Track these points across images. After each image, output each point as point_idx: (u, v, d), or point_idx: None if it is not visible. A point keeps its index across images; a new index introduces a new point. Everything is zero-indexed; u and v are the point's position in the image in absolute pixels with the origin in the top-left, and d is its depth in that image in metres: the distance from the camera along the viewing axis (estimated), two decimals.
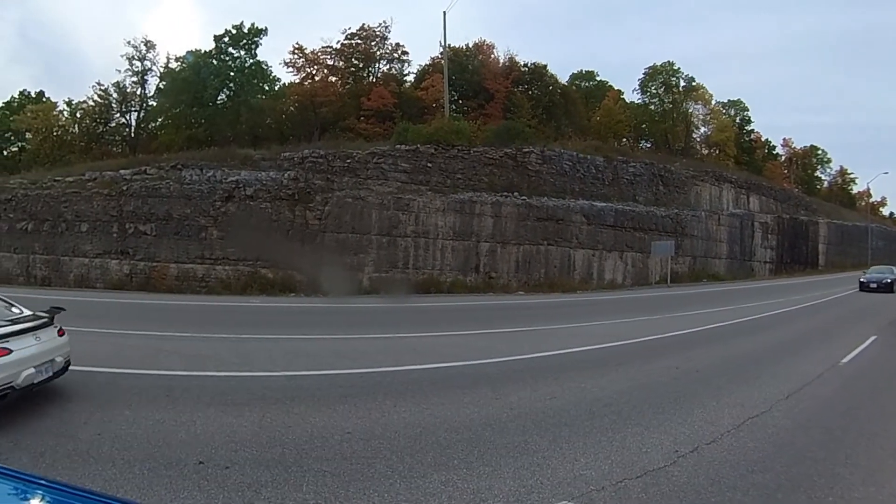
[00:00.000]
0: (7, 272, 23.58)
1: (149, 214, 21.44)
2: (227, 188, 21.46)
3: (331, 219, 22.21)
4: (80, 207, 22.37)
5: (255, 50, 38.74)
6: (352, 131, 33.87)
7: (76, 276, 22.23)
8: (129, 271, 21.51)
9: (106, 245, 21.88)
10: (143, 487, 4.52)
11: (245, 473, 4.78)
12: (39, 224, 23.21)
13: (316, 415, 6.37)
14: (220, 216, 21.24)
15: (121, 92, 39.56)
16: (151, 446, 5.46)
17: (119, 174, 22.70)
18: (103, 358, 9.13)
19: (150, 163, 22.84)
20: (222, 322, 13.71)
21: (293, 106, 38.71)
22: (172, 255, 21.21)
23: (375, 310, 17.81)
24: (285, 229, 21.63)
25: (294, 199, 21.90)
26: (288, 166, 22.71)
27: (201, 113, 35.57)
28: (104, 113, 39.78)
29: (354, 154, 24.11)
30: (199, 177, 21.76)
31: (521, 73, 41.86)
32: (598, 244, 28.22)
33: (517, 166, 27.54)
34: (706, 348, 10.59)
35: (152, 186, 21.67)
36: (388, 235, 23.25)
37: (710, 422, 6.10)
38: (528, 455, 5.09)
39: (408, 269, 23.59)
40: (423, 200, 24.23)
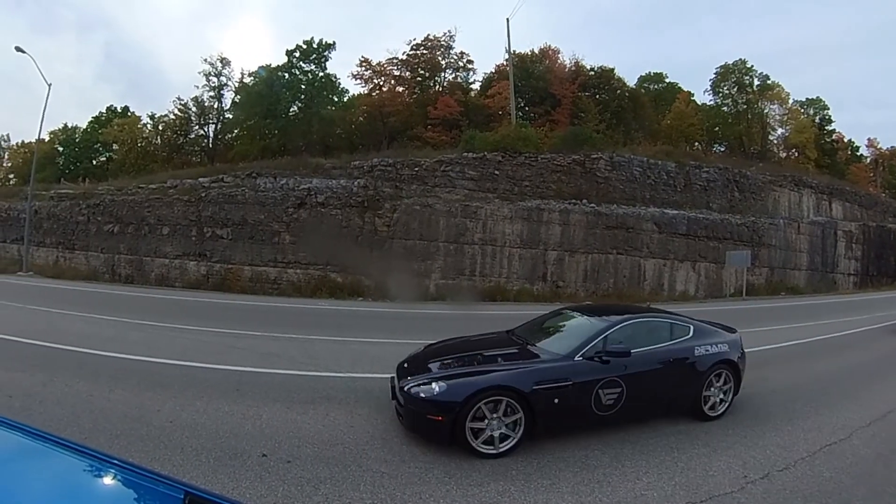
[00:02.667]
0: (94, 270, 25.56)
1: (225, 219, 22.42)
2: (299, 195, 22.10)
3: (399, 226, 22.40)
4: (162, 212, 23.73)
5: (324, 63, 39.97)
6: (419, 140, 34.15)
7: (157, 275, 23.62)
8: (205, 272, 22.62)
9: (185, 247, 23.17)
10: (207, 474, 4.74)
11: (305, 468, 4.91)
12: (124, 227, 24.87)
13: (378, 417, 6.37)
14: (293, 222, 21.90)
15: (199, 106, 41.77)
16: (219, 436, 5.65)
17: (198, 182, 23.82)
18: (179, 351, 9.59)
19: (227, 171, 23.90)
20: (292, 323, 13.95)
21: (362, 116, 39.48)
22: (247, 258, 22.13)
23: (441, 316, 17.73)
24: (355, 235, 21.98)
25: (363, 206, 22.23)
26: (358, 174, 23.09)
27: (275, 124, 36.80)
28: (184, 125, 42.10)
29: (422, 162, 24.26)
30: (273, 184, 22.53)
31: (588, 78, 41.05)
32: (669, 254, 27.07)
33: (585, 173, 26.86)
34: (783, 367, 9.81)
35: (229, 193, 22.62)
36: (455, 243, 23.21)
37: (784, 446, 5.71)
38: (588, 471, 5.00)
39: (474, 276, 23.44)
40: (491, 208, 24.05)
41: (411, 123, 36.85)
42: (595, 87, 41.20)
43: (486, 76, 42.34)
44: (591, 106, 37.34)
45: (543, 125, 33.19)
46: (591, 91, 40.70)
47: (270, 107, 36.83)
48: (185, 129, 42.22)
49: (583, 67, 41.61)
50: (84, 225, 26.84)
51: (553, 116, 36.71)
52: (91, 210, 26.50)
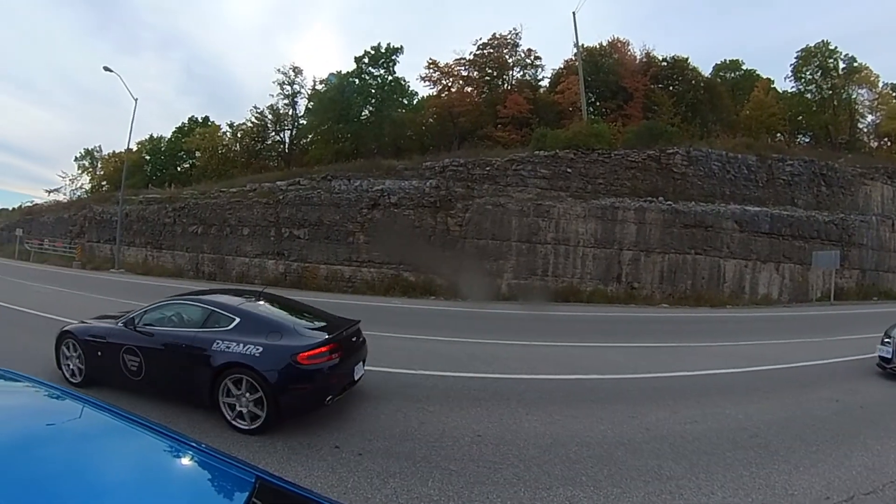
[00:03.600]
0: (180, 268, 27.45)
1: (302, 220, 23.21)
2: (372, 196, 22.52)
3: (471, 225, 22.36)
4: (243, 214, 24.86)
5: (392, 67, 40.41)
6: (489, 139, 33.92)
7: (238, 272, 24.94)
8: (283, 270, 23.56)
9: (264, 247, 24.21)
10: (281, 463, 4.85)
11: (376, 462, 4.97)
12: (208, 228, 26.33)
13: (449, 414, 6.40)
14: (367, 222, 22.35)
15: (274, 113, 43.36)
16: (292, 427, 5.79)
17: (276, 185, 24.75)
18: None
19: (303, 175, 24.76)
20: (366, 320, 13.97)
21: (431, 118, 39.67)
22: (323, 257, 22.88)
23: (513, 316, 17.52)
24: (427, 235, 22.12)
25: (436, 206, 22.34)
26: (430, 175, 23.24)
27: (347, 128, 37.56)
28: (261, 132, 43.80)
29: (493, 161, 24.11)
30: (347, 186, 23.08)
31: (660, 69, 39.21)
32: (751, 254, 25.51)
33: (661, 169, 25.78)
34: (874, 381, 9.04)
35: (305, 196, 23.38)
36: (527, 242, 22.92)
37: (872, 468, 5.26)
38: (661, 481, 4.81)
39: (547, 276, 23.08)
40: (564, 207, 23.61)
41: (481, 123, 36.66)
42: (668, 79, 39.32)
43: (554, 72, 41.37)
44: (665, 98, 35.74)
45: (615, 120, 32.17)
46: (664, 83, 38.92)
47: (342, 112, 37.62)
48: (262, 135, 43.92)
49: (654, 58, 39.84)
50: (170, 226, 28.50)
51: (625, 111, 35.39)
52: (177, 213, 28.07)
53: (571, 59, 38.55)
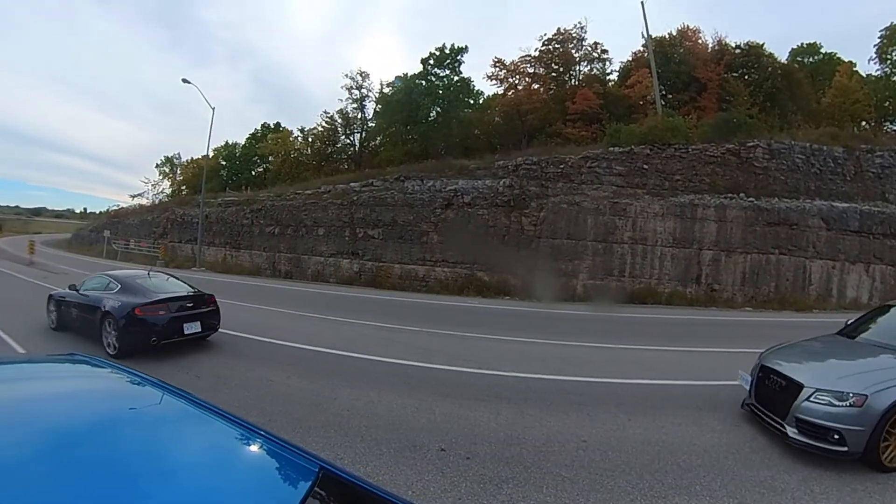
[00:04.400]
0: (257, 266, 28.60)
1: (376, 221, 23.50)
2: (446, 196, 22.50)
3: (546, 224, 21.97)
4: (318, 215, 25.50)
5: (458, 67, 40.35)
6: (559, 136, 33.30)
7: (313, 271, 25.72)
8: (357, 269, 23.93)
9: (339, 246, 24.72)
10: (389, 465, 4.84)
11: (486, 467, 4.85)
12: (284, 228, 27.20)
13: (550, 419, 6.25)
14: (440, 222, 22.37)
15: (344, 117, 44.27)
16: (395, 428, 5.76)
17: (349, 186, 25.18)
18: (345, 343, 10.04)
19: (376, 176, 25.08)
20: (446, 320, 14.12)
21: (498, 117, 39.31)
22: (397, 256, 23.09)
23: (593, 318, 17.01)
24: (501, 235, 21.89)
25: (510, 205, 22.08)
26: (503, 174, 22.99)
27: (416, 130, 37.79)
28: (331, 136, 44.81)
29: (567, 159, 23.60)
30: (421, 187, 23.18)
31: (734, 57, 37.09)
32: (838, 254, 23.63)
33: (741, 163, 24.37)
34: None
35: (379, 196, 23.66)
36: (603, 242, 22.30)
37: None
38: (776, 493, 4.66)
39: (623, 277, 22.39)
40: (641, 205, 22.85)
41: (549, 120, 36.02)
42: (743, 67, 37.08)
43: (622, 65, 40.25)
44: (741, 88, 33.76)
45: (689, 113, 30.68)
46: (739, 71, 36.84)
47: (410, 113, 37.90)
48: (333, 139, 44.94)
49: (727, 46, 37.75)
50: (248, 227, 29.55)
51: (699, 103, 33.79)
52: (254, 214, 29.09)
53: (640, 50, 37.44)
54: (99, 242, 48.65)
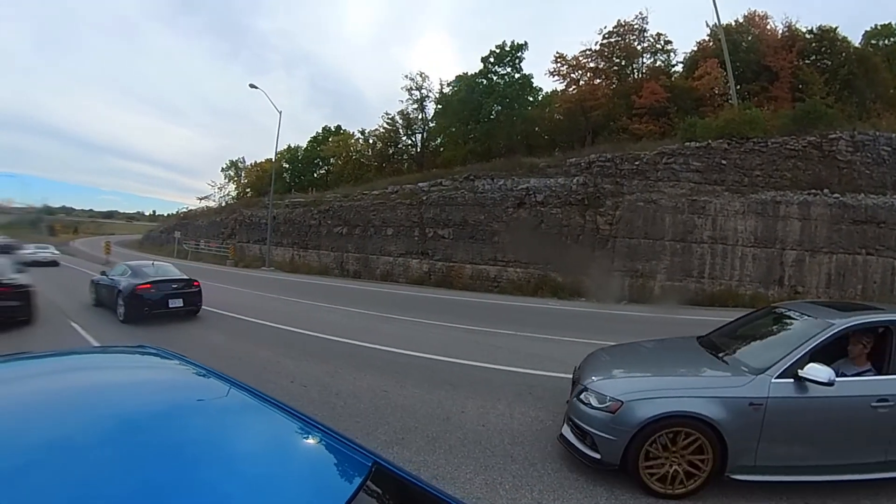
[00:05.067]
0: (325, 266, 28.95)
1: (446, 220, 23.21)
2: (518, 195, 22.00)
3: (622, 224, 21.15)
4: (386, 215, 25.44)
5: (518, 64, 39.75)
6: (625, 132, 32.20)
7: (382, 271, 25.73)
8: (427, 269, 23.74)
9: (408, 246, 24.57)
10: (554, 489, 4.41)
11: None
12: (352, 229, 27.33)
13: None
14: (512, 221, 21.88)
15: (405, 118, 44.29)
16: (542, 445, 5.26)
17: (417, 186, 24.98)
18: (441, 347, 9.60)
19: (444, 176, 24.81)
20: (535, 323, 13.37)
21: (561, 113, 38.47)
22: (467, 256, 22.75)
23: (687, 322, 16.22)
24: (576, 234, 21.21)
25: (584, 204, 21.36)
26: (575, 172, 22.28)
27: (478, 129, 37.41)
28: (392, 137, 44.93)
29: (642, 155, 22.66)
30: (491, 186, 22.74)
31: (806, 43, 34.49)
32: None
33: (824, 157, 22.65)
34: None
35: (449, 196, 23.37)
36: (682, 241, 21.31)
37: None
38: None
39: (703, 278, 21.33)
40: (720, 202, 21.73)
41: (613, 115, 35.04)
42: (815, 53, 34.41)
43: (687, 56, 38.32)
44: (815, 76, 31.75)
45: (762, 104, 29.05)
46: (812, 58, 34.36)
47: (472, 112, 37.59)
48: (394, 139, 45.06)
49: (798, 31, 35.17)
50: (316, 228, 29.89)
51: (771, 92, 31.81)
52: (322, 215, 29.35)
53: (704, 40, 35.85)
54: (169, 243, 50.39)
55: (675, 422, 4.27)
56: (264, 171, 60.72)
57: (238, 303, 14.95)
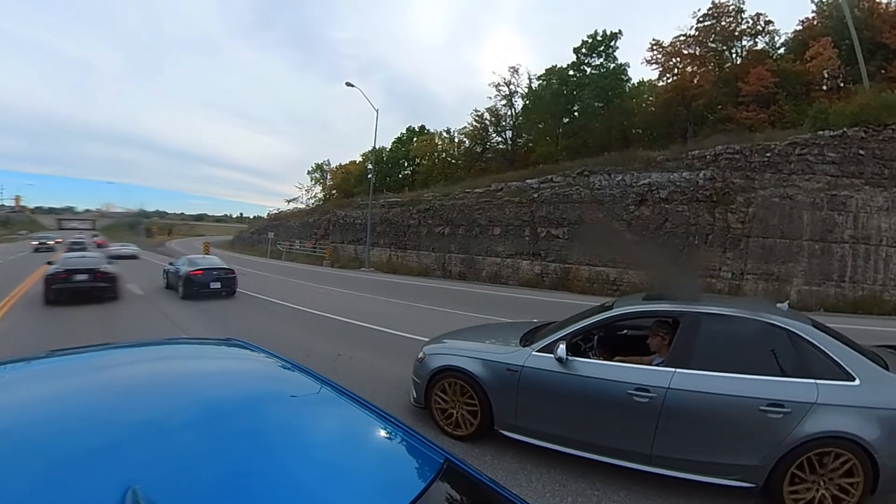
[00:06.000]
0: (426, 267, 28.34)
1: (560, 219, 22.08)
2: (638, 192, 20.54)
3: (755, 222, 19.43)
4: (493, 214, 24.52)
5: (612, 54, 38.24)
6: (730, 122, 30.26)
7: (488, 273, 24.78)
8: (539, 271, 22.68)
9: (518, 247, 23.55)
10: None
11: None
12: (455, 228, 26.62)
13: None
14: (633, 220, 20.42)
15: (494, 114, 43.50)
16: None
17: (526, 183, 23.96)
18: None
19: (555, 172, 23.51)
20: None
21: (659, 103, 36.60)
22: (584, 257, 21.28)
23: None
24: (704, 234, 19.64)
25: (712, 200, 19.81)
26: (700, 165, 20.70)
27: (575, 122, 36.19)
28: (481, 135, 44.25)
29: (773, 146, 20.84)
30: (609, 181, 21.36)
31: None
32: None
33: None
34: None
35: (562, 193, 22.21)
36: (820, 241, 19.37)
37: None
38: None
39: (843, 282, 19.31)
40: (862, 197, 19.71)
41: (716, 104, 32.98)
42: None
43: (789, 38, 35.72)
44: None
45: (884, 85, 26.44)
46: None
47: (567, 106, 36.38)
48: (483, 137, 44.38)
49: None
50: (415, 227, 29.41)
51: (889, 72, 29.07)
52: (421, 214, 28.84)
53: (809, 17, 33.27)
54: (261, 243, 51.69)
55: (450, 374, 5.31)
56: (349, 173, 61.96)
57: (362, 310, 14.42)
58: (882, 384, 3.87)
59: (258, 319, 12.75)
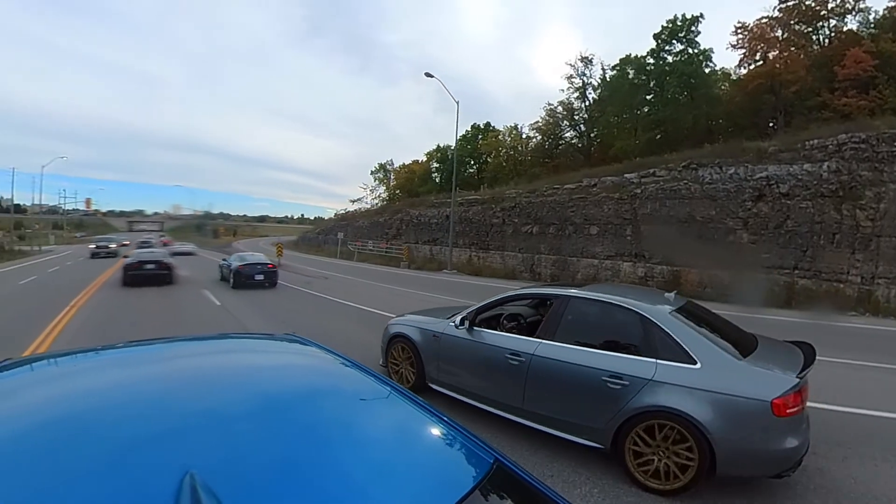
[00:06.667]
0: (511, 269, 26.83)
1: (667, 217, 20.44)
2: (756, 186, 18.79)
3: (887, 219, 17.72)
4: (589, 211, 23.15)
5: (694, 39, 36.45)
6: (825, 109, 28.20)
7: (584, 275, 23.23)
8: (643, 274, 21.08)
9: (618, 247, 22.12)
10: None
11: None
12: (545, 227, 25.32)
13: None
14: (751, 217, 18.74)
15: (567, 108, 42.19)
16: None
17: (624, 178, 22.57)
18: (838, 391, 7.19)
19: (657, 165, 21.88)
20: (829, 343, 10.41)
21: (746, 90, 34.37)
22: (694, 258, 19.66)
23: None
24: (830, 233, 17.89)
25: (838, 195, 18.12)
26: (820, 156, 19.00)
27: (659, 113, 34.59)
28: (552, 130, 43.04)
29: None
30: (721, 175, 19.65)
31: None
32: None
33: None
34: None
35: (669, 188, 20.62)
36: None
37: None
38: None
39: None
40: None
41: (810, 90, 30.77)
42: None
43: (883, 16, 32.85)
44: None
45: None
46: None
47: (648, 96, 34.84)
48: (555, 132, 43.19)
49: None
50: (499, 226, 28.21)
51: None
52: (505, 213, 27.69)
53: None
54: (327, 244, 51.77)
55: (399, 340, 6.81)
56: (413, 172, 61.76)
57: None
58: (723, 370, 4.10)
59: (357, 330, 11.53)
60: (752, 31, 34.50)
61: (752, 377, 4.03)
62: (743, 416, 3.89)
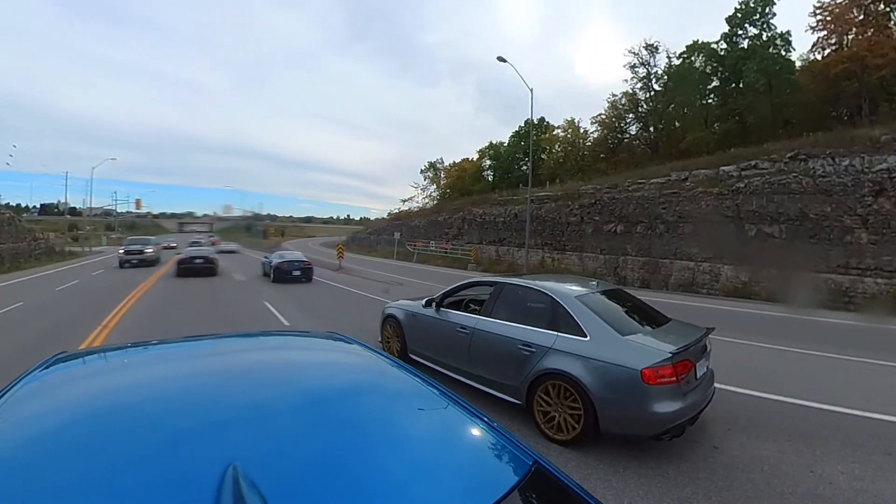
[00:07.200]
0: (592, 271, 24.92)
1: (775, 214, 18.76)
2: (875, 179, 17.12)
3: None
4: (683, 208, 21.49)
5: (770, 21, 34.50)
6: None
7: (677, 279, 21.45)
8: (746, 279, 19.31)
9: (717, 248, 20.23)
10: None
11: None
12: (630, 226, 23.62)
13: None
14: (871, 215, 17.05)
15: (630, 99, 40.55)
16: None
17: (720, 171, 20.92)
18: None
19: (758, 156, 20.21)
20: None
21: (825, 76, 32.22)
22: (806, 261, 17.91)
23: None
24: None
25: None
26: None
27: (737, 101, 32.79)
28: (614, 123, 41.47)
29: None
30: (835, 167, 17.99)
31: None
32: None
33: None
34: None
35: (776, 182, 18.95)
36: None
37: None
38: None
39: None
40: None
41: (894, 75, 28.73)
42: None
43: None
44: None
45: None
46: None
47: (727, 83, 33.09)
48: (617, 126, 41.65)
49: None
50: (576, 225, 26.67)
51: None
52: (584, 210, 26.19)
53: None
54: (380, 244, 51.25)
55: (389, 319, 8.24)
56: (464, 171, 60.97)
57: None
58: (606, 344, 4.90)
59: None
60: (832, 12, 32.37)
61: (629, 349, 4.73)
62: (618, 381, 4.62)
